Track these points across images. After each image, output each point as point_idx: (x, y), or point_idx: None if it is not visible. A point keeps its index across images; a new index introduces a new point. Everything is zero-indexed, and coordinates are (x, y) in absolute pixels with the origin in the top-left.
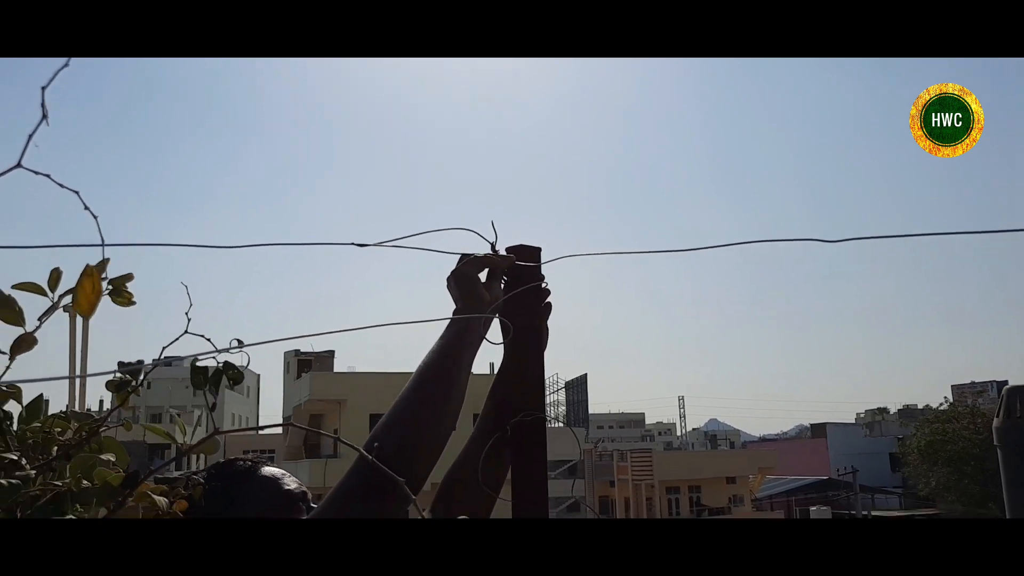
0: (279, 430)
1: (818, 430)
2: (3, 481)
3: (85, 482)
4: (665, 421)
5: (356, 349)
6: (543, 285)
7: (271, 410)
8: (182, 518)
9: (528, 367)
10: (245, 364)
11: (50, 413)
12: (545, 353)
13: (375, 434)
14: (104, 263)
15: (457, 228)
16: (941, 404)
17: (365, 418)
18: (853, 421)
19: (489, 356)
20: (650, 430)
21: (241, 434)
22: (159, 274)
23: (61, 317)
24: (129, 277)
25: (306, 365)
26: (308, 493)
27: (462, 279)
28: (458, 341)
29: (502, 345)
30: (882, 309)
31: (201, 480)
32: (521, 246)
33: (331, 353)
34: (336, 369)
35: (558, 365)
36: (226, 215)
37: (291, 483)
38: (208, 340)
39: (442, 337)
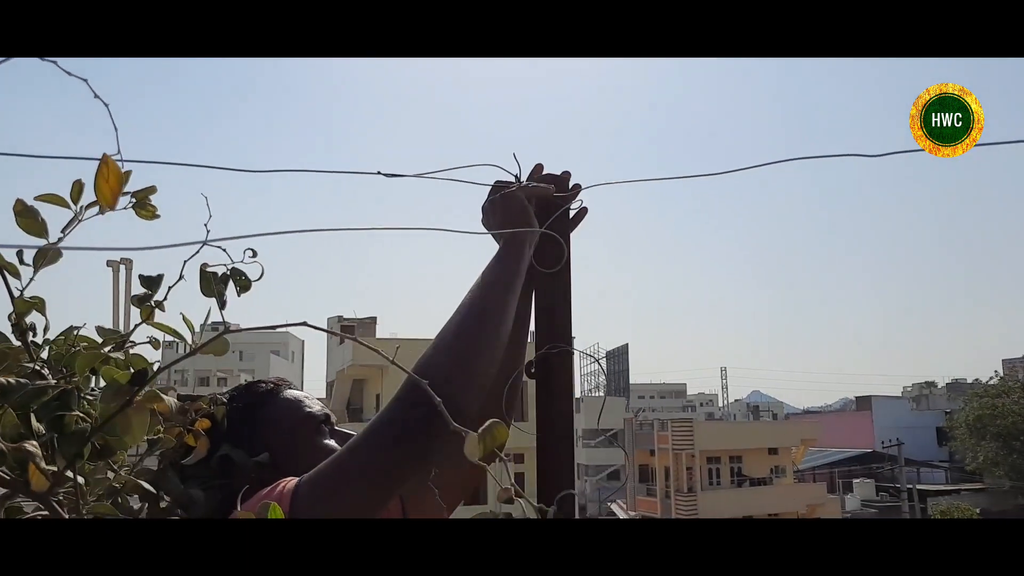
0: (322, 393)
1: (863, 403)
2: (10, 380)
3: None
4: (707, 392)
5: (399, 316)
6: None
7: (315, 375)
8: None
9: (556, 299)
10: (259, 276)
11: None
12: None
13: (417, 366)
14: (127, 173)
15: (482, 164)
16: (991, 378)
17: None
18: (900, 395)
19: None
20: (692, 401)
21: None
22: (179, 194)
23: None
24: (152, 190)
25: (349, 331)
26: (332, 416)
27: (513, 200)
28: (512, 268)
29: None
30: (931, 281)
31: (223, 400)
32: (548, 175)
33: (374, 319)
34: (379, 336)
35: (599, 334)
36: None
37: (313, 405)
38: (224, 250)
39: (493, 265)
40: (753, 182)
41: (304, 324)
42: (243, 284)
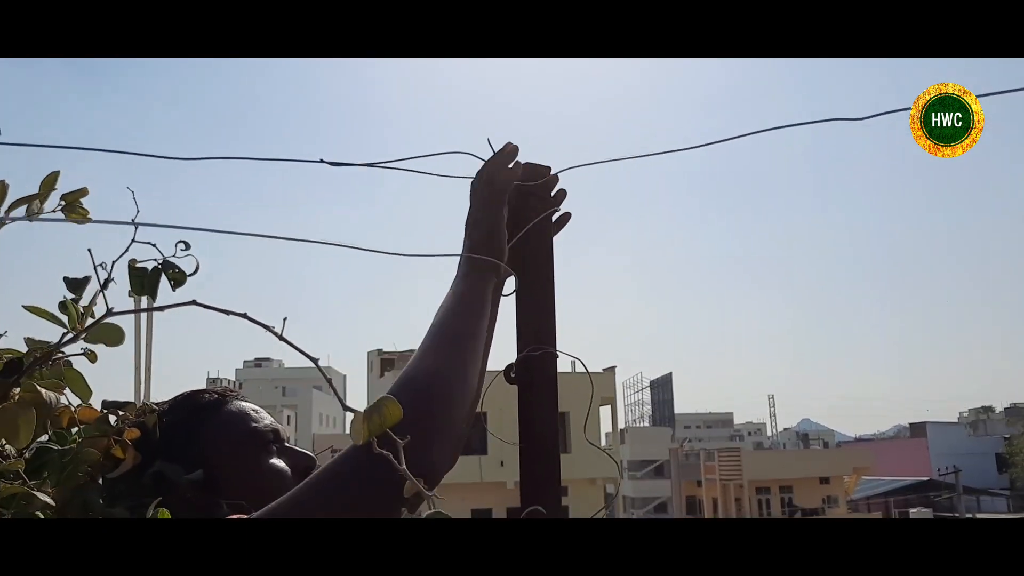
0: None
1: (917, 430)
2: None
3: None
4: (755, 421)
5: None
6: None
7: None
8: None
9: (539, 296)
10: (193, 271)
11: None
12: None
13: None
14: (54, 176)
15: (453, 152)
16: None
17: None
18: (956, 420)
19: None
20: (739, 430)
21: (330, 432)
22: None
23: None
24: (83, 192)
25: (389, 364)
26: (281, 432)
27: (496, 202)
28: (482, 295)
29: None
30: (986, 302)
31: (156, 408)
32: (529, 164)
33: (413, 352)
34: None
35: (642, 364)
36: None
37: (262, 419)
38: (154, 246)
39: (464, 285)
40: (798, 208)
41: (193, 303)
42: (177, 278)
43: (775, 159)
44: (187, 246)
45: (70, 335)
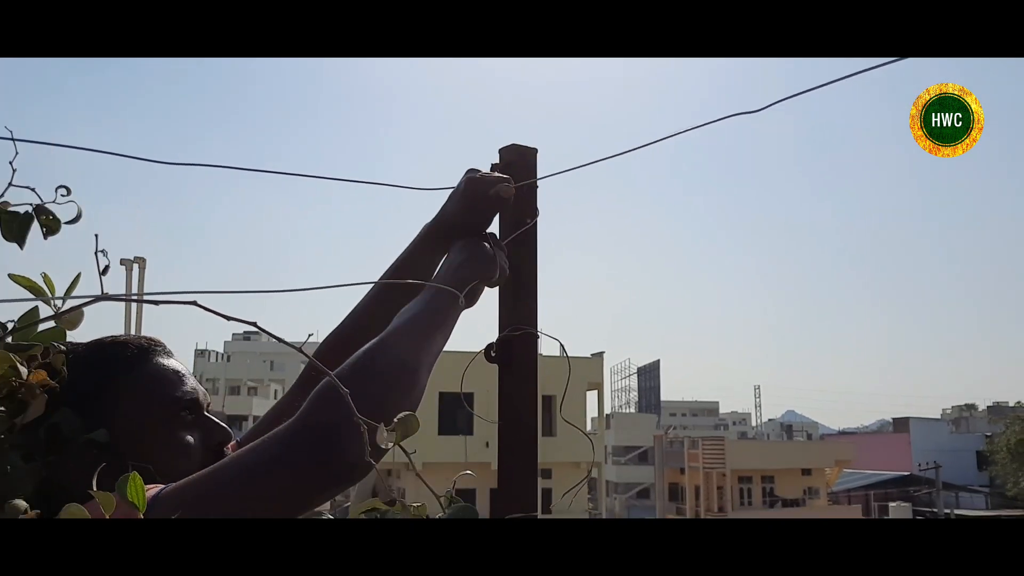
0: None
1: (900, 425)
2: None
3: None
4: (740, 411)
5: None
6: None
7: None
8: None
9: (520, 279)
10: (76, 216)
11: None
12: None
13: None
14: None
15: (436, 188)
16: None
17: (435, 396)
18: (938, 417)
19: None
20: (724, 419)
21: None
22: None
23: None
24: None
25: None
26: (202, 400)
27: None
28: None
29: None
30: (972, 301)
31: (66, 350)
32: (514, 146)
33: None
34: None
35: (630, 350)
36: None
37: (182, 384)
38: (32, 190)
39: (445, 303)
40: (789, 201)
41: (195, 303)
42: (50, 225)
43: (768, 151)
44: (68, 191)
45: (51, 313)
